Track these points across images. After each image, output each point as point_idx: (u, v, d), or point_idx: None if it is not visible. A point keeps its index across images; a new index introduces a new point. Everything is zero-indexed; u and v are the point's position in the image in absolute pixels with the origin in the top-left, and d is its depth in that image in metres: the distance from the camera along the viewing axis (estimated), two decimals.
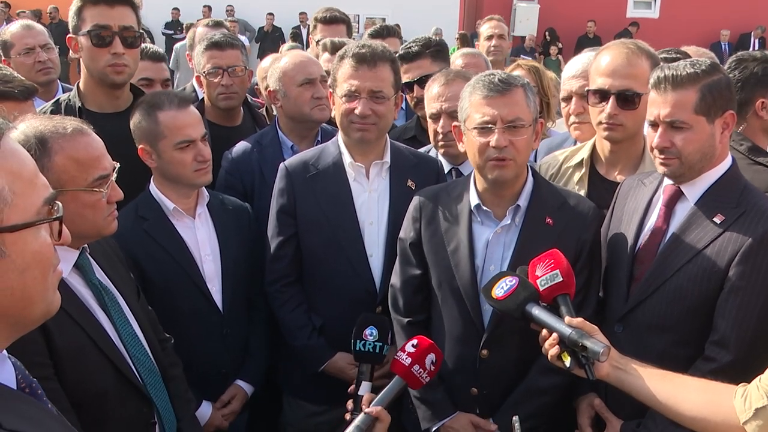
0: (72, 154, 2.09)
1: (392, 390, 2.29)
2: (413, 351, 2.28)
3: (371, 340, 2.44)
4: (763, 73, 3.16)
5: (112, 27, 3.00)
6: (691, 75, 2.31)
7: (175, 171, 2.84)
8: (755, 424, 1.81)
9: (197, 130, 2.84)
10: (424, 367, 2.27)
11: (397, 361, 2.29)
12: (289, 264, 2.99)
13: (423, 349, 2.29)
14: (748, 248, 2.25)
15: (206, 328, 2.92)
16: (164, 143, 2.80)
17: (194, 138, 2.82)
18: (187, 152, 2.80)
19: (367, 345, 2.45)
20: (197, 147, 2.82)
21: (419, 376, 2.28)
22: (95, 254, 2.31)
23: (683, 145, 2.34)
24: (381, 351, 2.46)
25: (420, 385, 2.32)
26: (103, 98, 3.16)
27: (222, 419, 2.98)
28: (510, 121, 2.44)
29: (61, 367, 2.03)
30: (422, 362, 2.27)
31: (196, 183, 2.88)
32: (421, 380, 2.29)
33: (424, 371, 2.28)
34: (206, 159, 2.84)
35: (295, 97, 3.37)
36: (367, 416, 2.21)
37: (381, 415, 2.20)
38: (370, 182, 2.95)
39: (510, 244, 2.57)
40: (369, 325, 2.48)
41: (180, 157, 2.80)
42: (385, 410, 2.22)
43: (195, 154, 2.81)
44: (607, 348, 2.01)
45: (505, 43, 5.77)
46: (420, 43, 3.88)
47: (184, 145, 2.80)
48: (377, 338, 2.46)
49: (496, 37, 5.68)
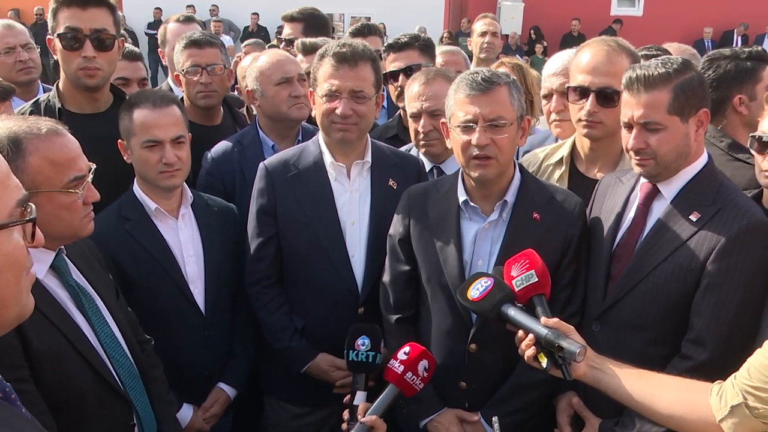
0: (47, 155, 2.07)
1: (386, 398, 2.30)
2: (405, 359, 2.29)
3: (364, 350, 2.43)
4: (737, 70, 3.18)
5: (82, 30, 2.98)
6: (663, 75, 2.31)
7: (142, 170, 2.84)
8: (731, 422, 1.82)
9: (167, 131, 2.79)
10: (417, 374, 2.28)
11: (390, 369, 2.29)
12: (270, 265, 2.97)
13: (415, 356, 2.29)
14: (724, 246, 2.26)
15: (188, 330, 2.90)
16: (134, 141, 2.80)
17: (161, 139, 2.78)
18: (153, 153, 2.78)
19: (360, 355, 2.44)
20: (164, 149, 2.78)
21: (412, 384, 2.29)
22: (72, 255, 2.29)
23: (658, 146, 2.34)
24: (374, 360, 2.45)
25: (414, 392, 2.32)
26: (81, 99, 3.14)
27: (203, 422, 2.96)
28: (491, 119, 2.45)
29: (38, 370, 2.01)
30: (415, 369, 2.28)
31: (160, 185, 2.83)
32: (414, 387, 2.30)
33: (417, 378, 2.29)
34: (170, 162, 2.78)
35: (272, 96, 3.36)
36: (362, 426, 2.22)
37: (376, 424, 2.22)
38: (351, 182, 2.94)
39: (498, 239, 2.58)
40: (361, 335, 2.47)
41: (146, 156, 2.79)
42: (380, 419, 2.24)
43: (161, 156, 2.78)
44: (583, 348, 2.02)
45: (497, 41, 5.82)
46: (409, 35, 4.00)
47: (150, 144, 2.78)
48: (369, 348, 2.45)
49: (489, 34, 5.74)
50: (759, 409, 1.77)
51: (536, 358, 2.10)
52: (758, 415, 1.77)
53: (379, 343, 2.48)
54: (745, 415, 1.79)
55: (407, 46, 3.94)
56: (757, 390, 1.77)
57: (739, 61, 3.19)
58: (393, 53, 3.95)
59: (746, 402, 1.79)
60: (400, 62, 3.88)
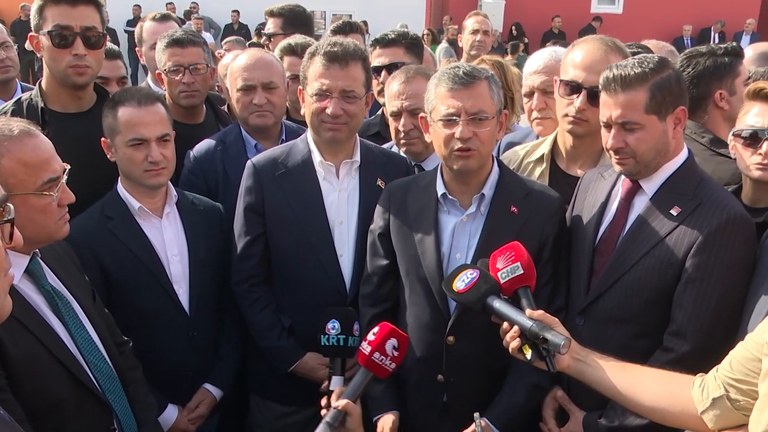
0: (19, 157, 2.03)
1: (358, 382, 2.24)
2: (373, 339, 2.24)
3: (334, 334, 2.43)
4: (715, 66, 3.22)
5: (73, 27, 2.94)
6: (640, 75, 2.33)
7: (127, 168, 2.82)
8: (712, 414, 1.85)
9: (153, 130, 2.77)
10: (385, 353, 2.22)
11: (360, 351, 2.25)
12: (258, 263, 2.96)
13: (383, 335, 2.23)
14: (704, 240, 2.29)
15: (173, 330, 2.88)
16: (119, 139, 2.78)
17: (146, 137, 2.76)
18: (139, 151, 2.76)
19: (330, 339, 2.43)
20: (150, 147, 2.76)
21: (382, 364, 2.23)
22: (47, 258, 2.25)
23: (637, 145, 2.37)
24: (345, 344, 2.44)
25: (386, 374, 2.26)
26: (66, 98, 3.11)
27: (188, 423, 2.94)
28: (474, 113, 2.46)
29: (15, 377, 1.98)
30: (382, 349, 2.22)
31: (145, 183, 2.82)
32: (385, 368, 2.24)
33: (386, 358, 2.22)
34: (155, 161, 2.77)
35: (235, 101, 3.36)
36: (336, 411, 2.17)
37: (348, 408, 2.18)
38: (340, 181, 2.93)
39: (476, 232, 2.59)
40: (331, 318, 2.46)
41: (131, 155, 2.77)
42: (352, 403, 2.19)
43: (146, 154, 2.76)
44: (567, 340, 2.04)
45: (488, 39, 5.82)
46: (397, 32, 3.99)
47: (135, 143, 2.76)
48: (340, 331, 2.44)
49: (481, 32, 5.74)
50: (740, 401, 1.79)
51: (521, 349, 2.11)
52: (739, 407, 1.79)
53: (351, 326, 2.45)
54: (726, 407, 1.82)
55: (394, 43, 3.92)
56: (738, 382, 1.79)
57: (717, 57, 3.22)
58: (379, 48, 3.92)
59: (728, 394, 1.81)
60: (385, 58, 3.86)
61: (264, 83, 3.29)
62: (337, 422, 2.16)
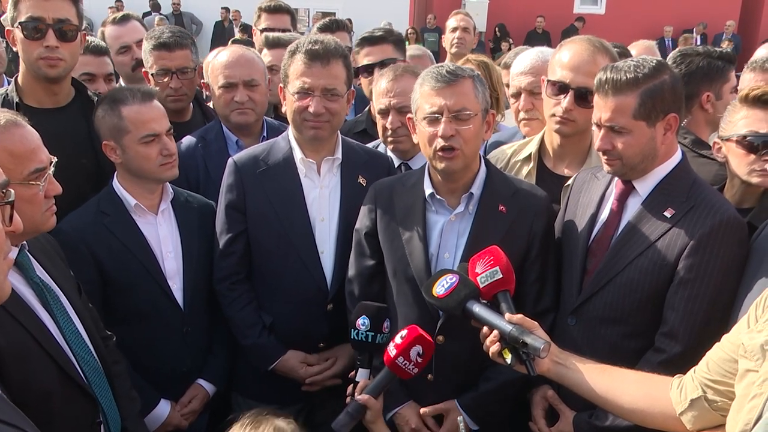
0: (6, 146, 2.03)
1: (381, 380, 2.35)
2: (400, 342, 2.29)
3: (363, 330, 2.43)
4: (709, 67, 3.22)
5: (45, 19, 2.91)
6: (631, 80, 2.32)
7: (140, 166, 2.80)
8: (690, 415, 1.85)
9: (162, 124, 2.81)
10: (409, 359, 2.28)
11: (386, 351, 2.31)
12: (239, 261, 2.94)
13: (409, 341, 2.29)
14: (697, 241, 2.29)
15: (167, 326, 2.89)
16: (129, 138, 2.77)
17: (159, 132, 2.78)
18: (153, 146, 2.78)
19: (360, 334, 2.43)
20: (162, 141, 2.80)
21: (405, 368, 2.30)
22: (34, 251, 2.26)
23: (623, 149, 2.37)
24: (373, 341, 2.44)
25: (408, 377, 2.33)
26: (41, 93, 3.06)
27: (181, 419, 2.93)
28: (456, 110, 2.45)
29: (3, 368, 1.98)
30: (407, 354, 2.28)
31: (162, 177, 2.84)
32: (407, 372, 2.31)
33: (410, 363, 2.29)
34: (172, 153, 2.82)
35: (216, 97, 3.34)
36: (356, 403, 2.31)
37: (369, 403, 2.31)
38: (321, 178, 2.92)
39: (464, 232, 2.58)
40: (362, 314, 2.46)
41: (145, 152, 2.77)
42: (373, 398, 2.31)
43: (161, 148, 2.78)
44: (547, 344, 2.05)
45: (468, 37, 5.79)
46: (384, 30, 4.01)
47: (149, 139, 2.77)
48: (369, 328, 2.44)
49: (460, 29, 5.73)
50: (718, 402, 1.79)
51: (501, 354, 2.12)
52: (717, 408, 1.80)
53: (381, 324, 2.47)
54: (704, 408, 1.82)
55: (382, 40, 3.93)
56: (715, 383, 1.80)
57: (711, 60, 3.23)
58: (367, 47, 3.92)
59: (705, 395, 1.82)
60: (374, 56, 3.87)
61: (245, 81, 3.28)
62: (357, 413, 2.31)
